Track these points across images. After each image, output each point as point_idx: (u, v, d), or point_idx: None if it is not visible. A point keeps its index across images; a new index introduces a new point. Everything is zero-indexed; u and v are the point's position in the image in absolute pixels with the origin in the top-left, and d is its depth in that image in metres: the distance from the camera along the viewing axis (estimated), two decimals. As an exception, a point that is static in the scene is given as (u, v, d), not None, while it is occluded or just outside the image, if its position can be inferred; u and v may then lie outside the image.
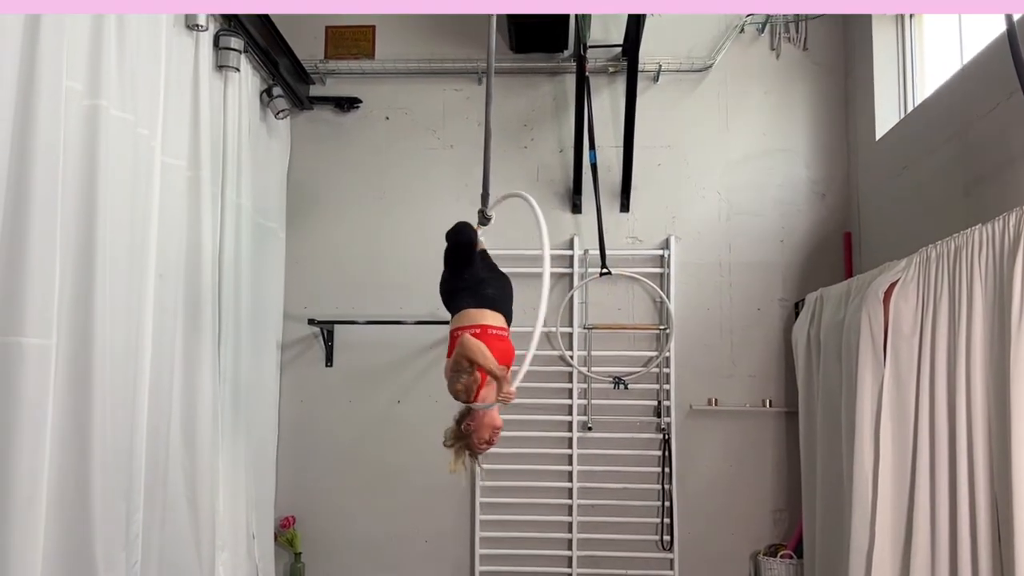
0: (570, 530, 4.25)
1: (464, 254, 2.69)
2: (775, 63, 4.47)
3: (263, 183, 4.13)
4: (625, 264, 4.32)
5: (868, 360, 3.03)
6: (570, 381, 4.31)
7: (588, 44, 4.11)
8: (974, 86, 3.13)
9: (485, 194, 2.77)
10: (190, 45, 3.33)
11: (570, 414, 4.30)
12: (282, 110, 4.13)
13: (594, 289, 4.33)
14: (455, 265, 2.72)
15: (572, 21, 4.22)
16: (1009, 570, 2.43)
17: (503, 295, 2.70)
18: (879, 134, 4.02)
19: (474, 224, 2.77)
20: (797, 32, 4.46)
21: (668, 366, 4.28)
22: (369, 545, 4.33)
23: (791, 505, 4.21)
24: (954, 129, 3.25)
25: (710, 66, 4.43)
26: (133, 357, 2.84)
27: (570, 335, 4.32)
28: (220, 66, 3.57)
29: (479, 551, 4.25)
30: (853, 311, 3.21)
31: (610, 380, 4.25)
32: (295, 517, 4.31)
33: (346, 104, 4.53)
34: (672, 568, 4.20)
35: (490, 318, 2.57)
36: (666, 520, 4.22)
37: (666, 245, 4.37)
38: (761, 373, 4.32)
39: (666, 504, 4.22)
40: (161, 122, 3.06)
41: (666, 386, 4.28)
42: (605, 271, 4.19)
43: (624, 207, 4.41)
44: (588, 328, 4.30)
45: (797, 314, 4.14)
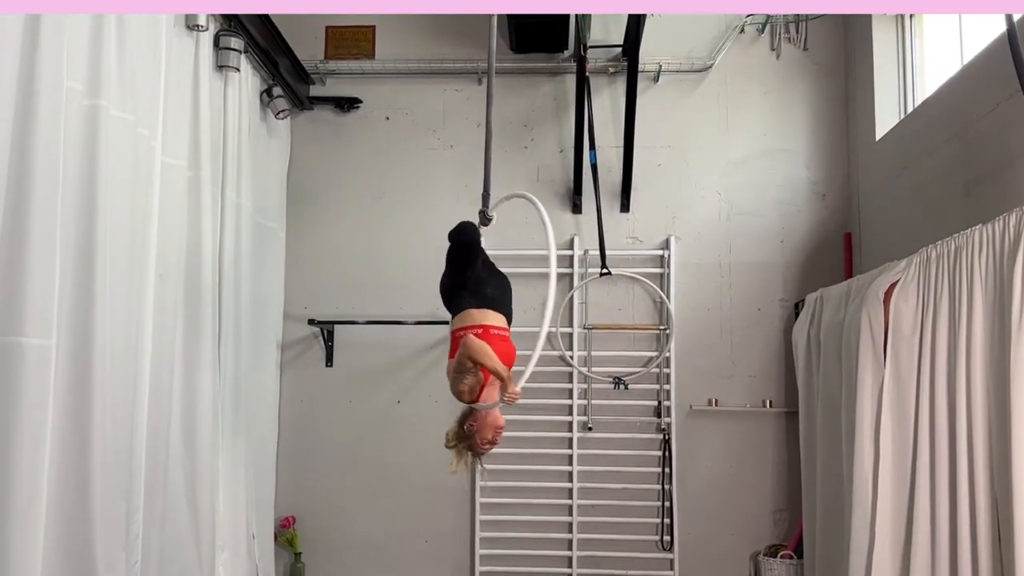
0: (570, 530, 4.25)
1: (468, 254, 2.68)
2: (775, 63, 4.47)
3: (263, 183, 4.13)
4: (625, 264, 4.32)
5: (868, 360, 3.03)
6: (570, 381, 4.31)
7: (588, 44, 4.10)
8: (974, 86, 3.13)
9: (486, 194, 2.77)
10: (190, 45, 3.33)
11: (570, 414, 4.30)
12: (282, 110, 4.13)
13: (594, 289, 4.33)
14: (458, 265, 2.70)
15: (572, 21, 4.22)
16: (1009, 570, 2.43)
17: (503, 295, 2.69)
18: (879, 134, 4.02)
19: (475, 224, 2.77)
20: (797, 32, 4.46)
21: (668, 366, 4.28)
22: (369, 545, 4.33)
23: (791, 505, 4.21)
24: (954, 129, 3.25)
25: (710, 66, 4.43)
26: (133, 357, 2.84)
27: (570, 335, 4.32)
28: (220, 66, 3.58)
29: (479, 551, 4.25)
30: (853, 311, 3.21)
31: (610, 380, 4.25)
32: (295, 517, 4.31)
33: (346, 104, 4.53)
34: (672, 568, 4.20)
35: (492, 318, 2.56)
36: (666, 520, 4.22)
37: (666, 245, 4.37)
38: (761, 373, 4.32)
39: (666, 504, 4.22)
40: (161, 122, 3.06)
41: (666, 386, 4.28)
42: (605, 271, 4.19)
43: (624, 207, 4.41)
44: (588, 328, 4.30)
45: (797, 314, 4.13)
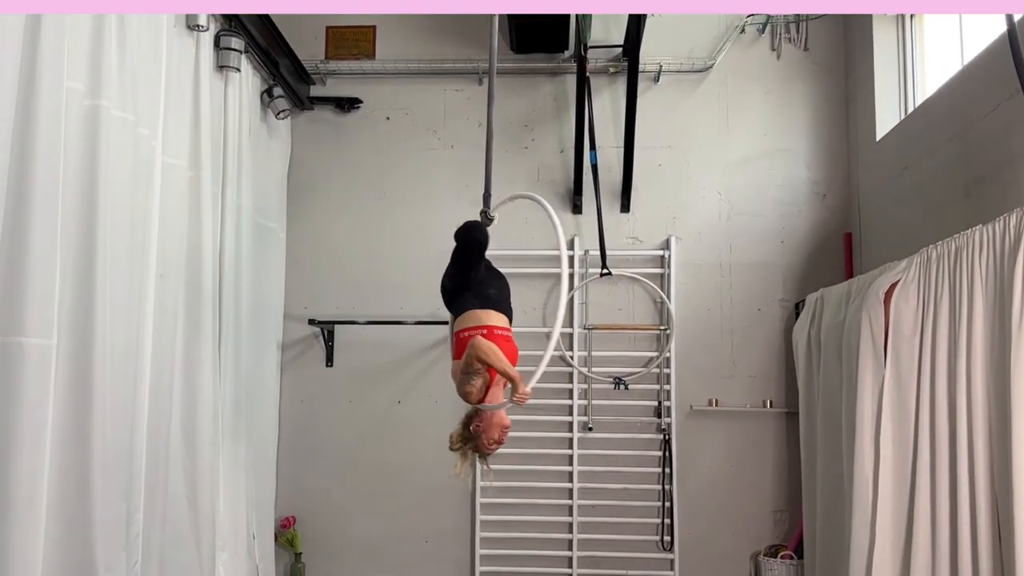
0: (570, 530, 4.25)
1: (475, 255, 2.66)
2: (776, 63, 4.47)
3: (263, 183, 4.13)
4: (625, 264, 4.32)
5: (868, 361, 3.03)
6: (570, 381, 4.31)
7: (589, 44, 4.10)
8: (975, 86, 3.13)
9: (487, 194, 2.76)
10: (191, 45, 3.34)
11: (570, 414, 4.30)
12: (283, 110, 4.14)
13: (594, 289, 4.33)
14: (462, 265, 2.69)
15: (573, 21, 4.22)
16: (1009, 570, 2.43)
17: (504, 295, 2.70)
18: (880, 134, 4.02)
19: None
20: (798, 32, 4.46)
21: (668, 366, 4.28)
22: (369, 545, 4.33)
23: (791, 505, 4.21)
24: (955, 129, 3.25)
25: (711, 66, 4.43)
26: (133, 357, 2.84)
27: (570, 335, 4.32)
28: (221, 66, 3.58)
29: (479, 551, 4.25)
30: (853, 312, 3.21)
31: (610, 380, 4.25)
32: (295, 517, 4.31)
33: (347, 104, 4.53)
34: (672, 568, 4.20)
35: (495, 319, 2.56)
36: (666, 520, 4.22)
37: (666, 245, 4.37)
38: (761, 374, 4.32)
39: (666, 504, 4.22)
40: (162, 122, 3.06)
41: (666, 386, 4.28)
42: (605, 271, 4.19)
43: (624, 207, 4.41)
44: (588, 328, 4.30)
45: (797, 315, 4.13)
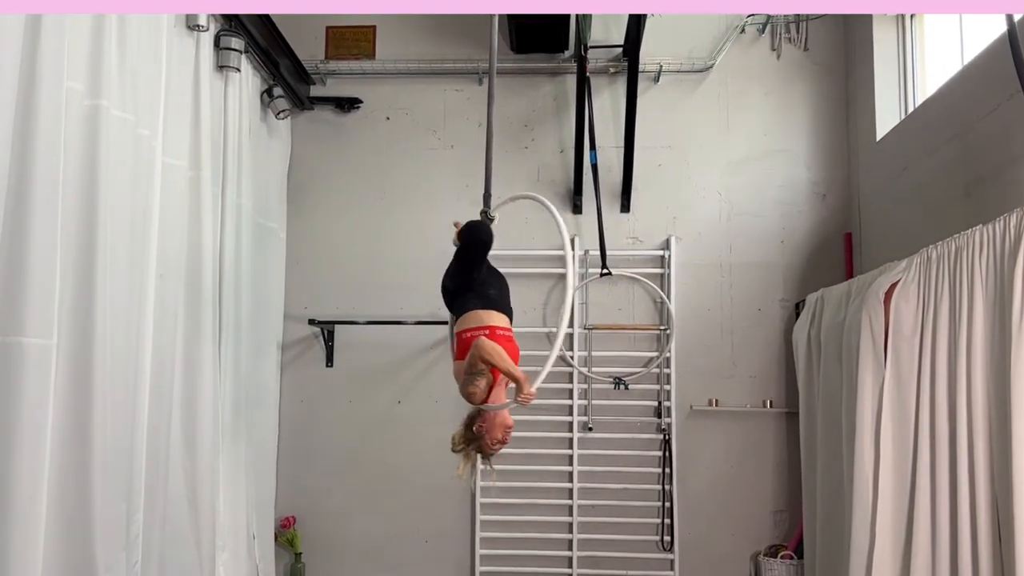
0: (570, 530, 4.25)
1: (481, 254, 2.67)
2: (776, 63, 4.47)
3: (263, 183, 4.13)
4: (625, 264, 4.32)
5: (869, 361, 3.03)
6: (570, 381, 4.30)
7: (589, 44, 4.10)
8: (975, 86, 3.13)
9: (487, 194, 2.76)
10: (191, 45, 3.34)
11: (571, 414, 4.30)
12: (283, 110, 4.13)
13: (594, 289, 4.33)
14: (466, 265, 2.69)
15: (573, 21, 4.22)
16: (1009, 570, 2.43)
17: (504, 295, 2.70)
18: (880, 135, 4.01)
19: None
20: (798, 32, 4.46)
21: (668, 367, 4.28)
22: (369, 545, 4.33)
23: (791, 506, 4.21)
24: (955, 130, 3.25)
25: (711, 66, 4.43)
26: (133, 357, 2.84)
27: (571, 335, 4.32)
28: (221, 66, 3.58)
29: (479, 551, 4.25)
30: (854, 312, 3.21)
31: (610, 380, 4.25)
32: (295, 517, 4.31)
33: (347, 104, 4.53)
34: (672, 568, 4.20)
35: (496, 319, 2.56)
36: (666, 520, 4.22)
37: (666, 245, 4.37)
38: (762, 374, 4.32)
39: (666, 504, 4.22)
40: (162, 122, 3.06)
41: (667, 387, 4.28)
42: (606, 271, 4.19)
43: (625, 207, 4.41)
44: (588, 328, 4.30)
45: (798, 315, 4.13)
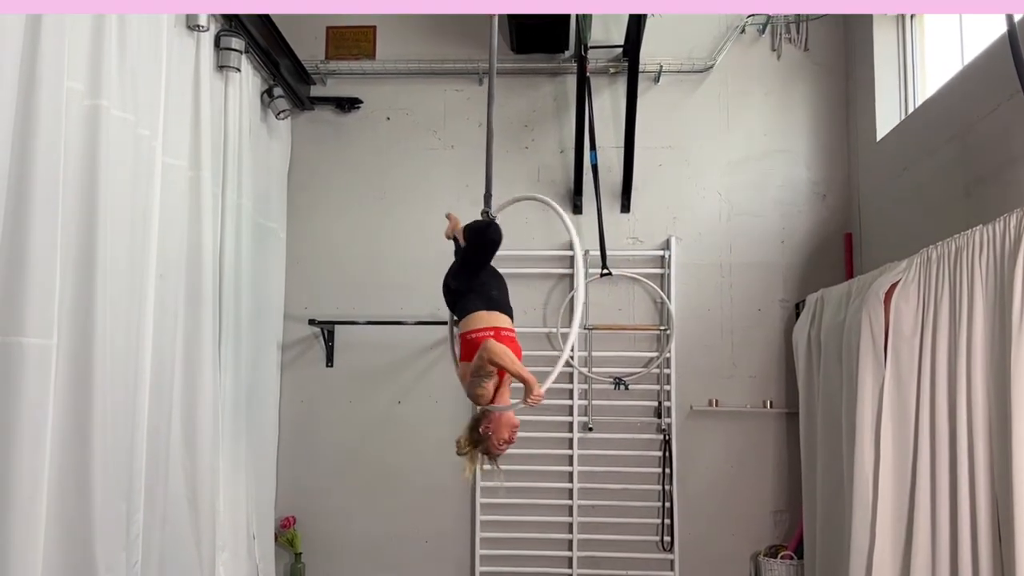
0: (570, 531, 4.25)
1: (490, 255, 2.67)
2: (776, 64, 4.47)
3: (264, 183, 4.13)
4: (626, 265, 4.32)
5: (869, 361, 3.03)
6: (571, 382, 4.30)
7: (589, 45, 4.10)
8: (975, 87, 3.13)
9: (488, 194, 2.77)
10: (191, 45, 3.34)
11: (571, 415, 4.30)
12: (283, 110, 4.13)
13: (595, 289, 4.32)
14: (470, 266, 2.69)
15: (573, 22, 4.22)
16: (1009, 570, 2.43)
17: (504, 296, 2.71)
18: (880, 135, 4.01)
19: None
20: (798, 33, 4.46)
21: (669, 367, 4.28)
22: (369, 545, 4.33)
23: (792, 506, 4.21)
24: (955, 130, 3.24)
25: (711, 67, 4.43)
26: (133, 357, 2.84)
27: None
28: (221, 66, 3.58)
29: (479, 551, 4.25)
30: (854, 312, 3.21)
31: (611, 381, 4.25)
32: (295, 517, 4.31)
33: (347, 104, 4.53)
34: (672, 569, 4.20)
35: (499, 320, 2.57)
36: (666, 521, 4.22)
37: (667, 246, 4.37)
38: (762, 374, 4.32)
39: (666, 505, 4.22)
40: (162, 122, 3.07)
41: (667, 387, 4.28)
42: (606, 272, 4.19)
43: (625, 208, 4.41)
44: (589, 329, 4.30)
45: (798, 315, 4.13)
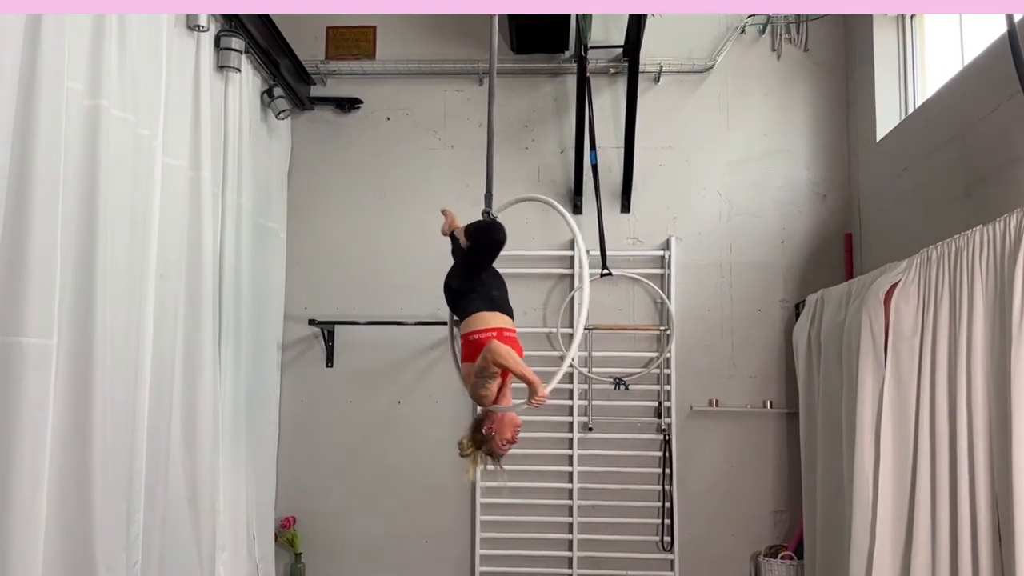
0: (570, 531, 4.25)
1: (492, 255, 2.67)
2: (776, 64, 4.47)
3: (264, 183, 4.13)
4: (626, 265, 4.32)
5: (869, 361, 3.03)
6: (571, 382, 4.30)
7: (589, 45, 4.10)
8: (975, 87, 3.13)
9: (488, 194, 2.77)
10: (191, 45, 3.34)
11: (571, 415, 4.30)
12: (283, 111, 4.13)
13: (595, 290, 4.31)
14: (473, 266, 2.69)
15: (573, 22, 4.22)
16: (1010, 570, 2.43)
17: (504, 296, 2.71)
18: (880, 135, 4.01)
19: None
20: (798, 33, 4.46)
21: (669, 367, 4.28)
22: (369, 545, 4.33)
23: (792, 506, 4.21)
24: (955, 130, 3.24)
25: (711, 67, 4.43)
26: (134, 357, 2.85)
27: (571, 336, 4.32)
28: (221, 66, 3.58)
29: (479, 551, 4.25)
30: (854, 312, 3.21)
31: (611, 381, 4.25)
32: (295, 517, 4.31)
33: (347, 105, 4.53)
34: (672, 569, 4.20)
35: (501, 320, 2.58)
36: (666, 521, 4.22)
37: (667, 246, 4.37)
38: (762, 374, 4.32)
39: (666, 505, 4.22)
40: (162, 122, 3.07)
41: (667, 387, 4.28)
42: (606, 272, 4.19)
43: (625, 208, 4.41)
44: (589, 329, 4.29)
45: (798, 315, 4.13)
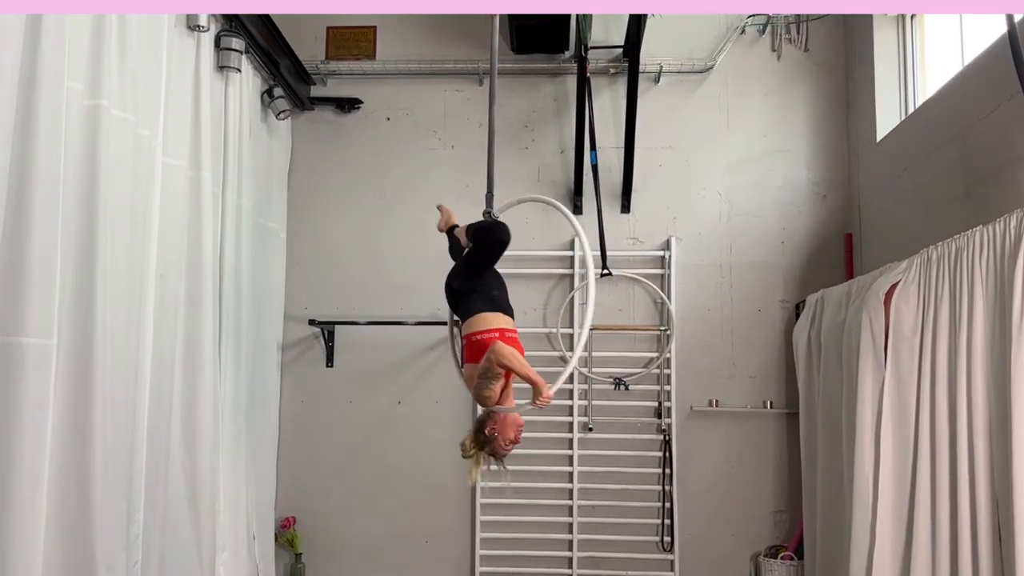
0: (570, 531, 4.25)
1: (496, 255, 2.67)
2: (776, 64, 4.47)
3: (264, 183, 4.13)
4: (626, 265, 4.32)
5: (869, 361, 3.03)
6: (571, 382, 4.29)
7: (589, 45, 4.10)
8: (975, 87, 3.13)
9: (489, 195, 2.77)
10: (191, 45, 3.34)
11: (571, 415, 4.30)
12: (283, 111, 4.13)
13: (595, 290, 4.31)
14: (476, 267, 2.69)
15: (573, 22, 4.22)
16: (1009, 570, 2.43)
17: (505, 296, 2.72)
18: (880, 135, 4.01)
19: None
20: (798, 33, 4.46)
21: (669, 367, 4.28)
22: (369, 545, 4.33)
23: (792, 506, 4.21)
24: (955, 130, 3.24)
25: (711, 67, 4.43)
26: (134, 357, 2.85)
27: (571, 336, 4.32)
28: (221, 67, 3.58)
29: (479, 551, 4.25)
30: (854, 312, 3.21)
31: (611, 381, 4.25)
32: (295, 517, 4.31)
33: (347, 105, 4.53)
34: (672, 569, 4.20)
35: (502, 321, 2.58)
36: (666, 521, 4.22)
37: (667, 246, 4.37)
38: (762, 374, 4.32)
39: (666, 505, 4.22)
40: (162, 122, 3.07)
41: (667, 387, 4.28)
42: (606, 272, 4.19)
43: (625, 208, 4.41)
44: (590, 329, 4.28)
45: (798, 315, 4.13)
